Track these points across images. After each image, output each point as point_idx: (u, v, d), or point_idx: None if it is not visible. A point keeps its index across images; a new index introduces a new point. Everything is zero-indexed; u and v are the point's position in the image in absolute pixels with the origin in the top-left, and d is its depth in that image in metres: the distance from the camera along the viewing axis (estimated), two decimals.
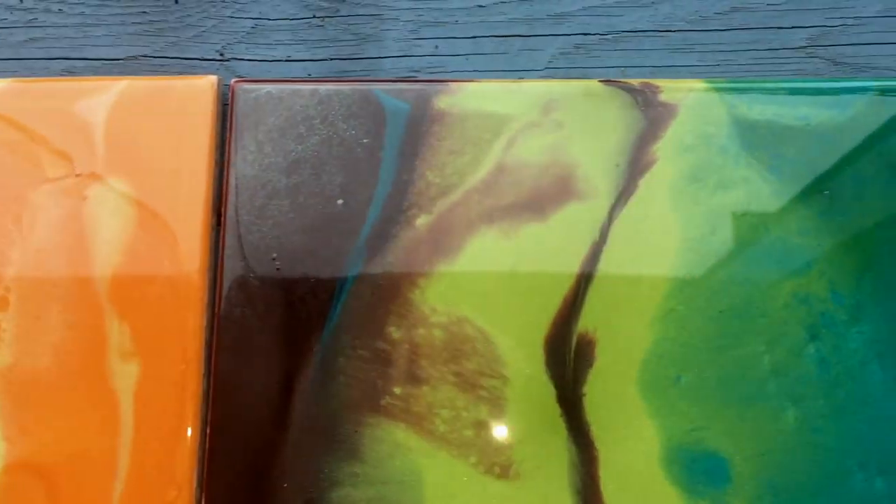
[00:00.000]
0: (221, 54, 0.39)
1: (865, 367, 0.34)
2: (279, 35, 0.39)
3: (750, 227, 0.35)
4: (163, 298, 0.36)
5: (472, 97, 0.37)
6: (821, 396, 0.34)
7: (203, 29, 0.39)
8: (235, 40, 0.39)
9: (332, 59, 0.38)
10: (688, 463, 0.34)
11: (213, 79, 0.37)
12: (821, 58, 0.37)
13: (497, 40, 0.38)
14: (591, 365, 0.35)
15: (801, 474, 0.34)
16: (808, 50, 0.37)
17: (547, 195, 0.36)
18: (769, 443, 0.34)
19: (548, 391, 0.35)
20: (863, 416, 0.34)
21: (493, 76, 0.38)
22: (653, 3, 0.37)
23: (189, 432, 0.35)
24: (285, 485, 0.34)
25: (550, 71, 0.38)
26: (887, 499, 0.33)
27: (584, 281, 0.35)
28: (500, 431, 0.35)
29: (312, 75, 0.38)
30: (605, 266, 0.35)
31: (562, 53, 0.38)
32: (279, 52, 0.39)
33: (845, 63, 0.37)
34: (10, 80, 0.38)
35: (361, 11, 0.38)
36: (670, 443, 0.34)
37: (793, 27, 0.37)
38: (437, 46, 0.38)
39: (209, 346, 0.36)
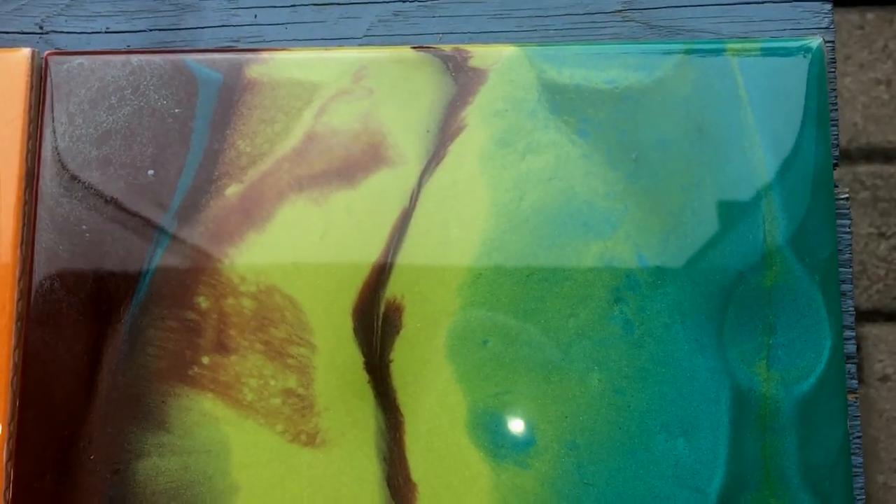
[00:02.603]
0: (41, 28, 0.38)
1: (669, 328, 0.34)
2: (98, 7, 0.38)
3: (558, 191, 0.35)
4: None
5: (284, 66, 0.36)
6: (624, 358, 0.34)
7: (23, 2, 0.39)
8: (55, 13, 0.38)
9: (151, 31, 0.38)
10: (493, 427, 0.34)
11: (27, 52, 0.37)
12: (636, 21, 0.37)
13: (316, 9, 0.38)
14: (398, 331, 0.35)
15: (604, 436, 0.34)
16: (624, 14, 0.37)
17: (357, 162, 0.36)
18: (573, 405, 0.34)
19: (355, 358, 0.35)
20: (666, 378, 0.34)
21: (312, 45, 0.38)
22: None
23: None
24: (92, 456, 0.34)
25: (369, 39, 0.38)
26: (688, 459, 0.33)
27: (392, 248, 0.35)
28: (307, 399, 0.34)
29: (131, 47, 0.38)
30: (413, 233, 0.35)
31: (381, 21, 0.38)
32: (98, 24, 0.38)
33: (660, 26, 0.37)
34: None
35: None
36: (476, 407, 0.34)
37: None
38: (255, 16, 0.38)
39: (20, 319, 0.36)
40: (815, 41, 0.36)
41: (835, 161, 0.36)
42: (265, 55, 0.37)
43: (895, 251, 0.96)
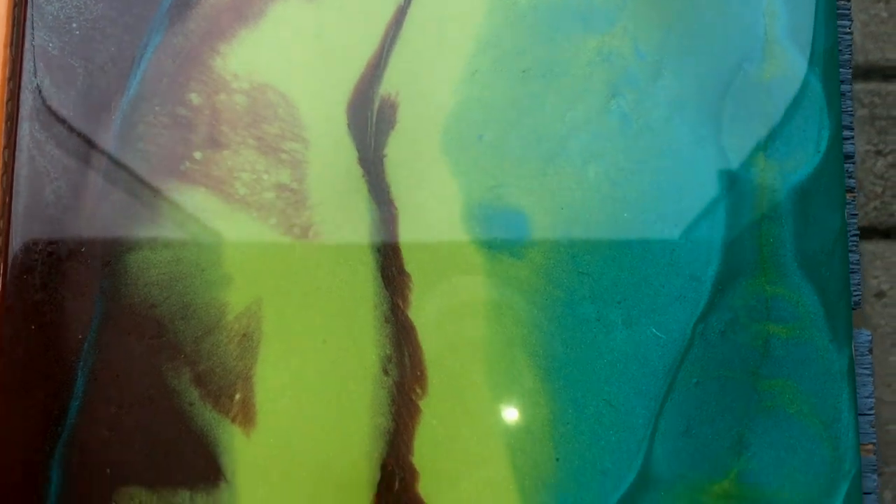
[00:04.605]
0: None
1: (667, 121, 0.34)
2: None
3: None
4: None
5: None
6: (621, 151, 0.34)
7: None
8: None
9: None
10: (487, 219, 0.34)
11: None
12: None
13: None
14: (392, 127, 0.34)
15: (599, 226, 0.34)
16: None
17: None
18: (569, 197, 0.34)
19: (349, 153, 0.34)
20: (663, 169, 0.34)
21: None
22: None
23: None
24: (83, 249, 0.34)
25: None
26: (684, 248, 0.33)
27: (387, 44, 0.35)
28: (300, 194, 0.34)
29: None
30: (409, 29, 0.35)
31: None
32: None
33: None
34: None
35: None
36: (471, 200, 0.34)
37: None
38: None
39: (10, 118, 0.35)
40: None
41: None
42: None
43: (892, 168, 0.95)
